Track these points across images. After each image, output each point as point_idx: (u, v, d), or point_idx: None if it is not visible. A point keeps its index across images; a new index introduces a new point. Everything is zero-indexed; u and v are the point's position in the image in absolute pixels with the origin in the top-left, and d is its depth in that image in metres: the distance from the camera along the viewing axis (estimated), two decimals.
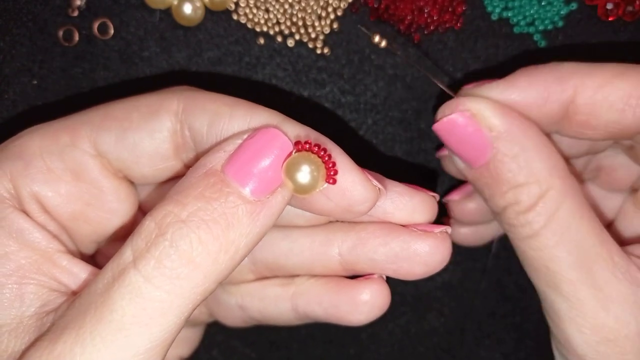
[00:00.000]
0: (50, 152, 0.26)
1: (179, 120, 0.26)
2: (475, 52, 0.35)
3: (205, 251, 0.22)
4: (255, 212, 0.23)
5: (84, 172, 0.26)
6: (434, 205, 0.27)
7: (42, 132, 0.26)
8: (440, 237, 0.27)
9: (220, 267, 0.22)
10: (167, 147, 0.26)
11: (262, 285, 0.31)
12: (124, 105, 0.27)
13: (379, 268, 0.28)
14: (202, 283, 0.22)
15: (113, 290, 0.22)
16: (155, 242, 0.22)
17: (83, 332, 0.21)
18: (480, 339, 0.40)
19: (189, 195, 0.23)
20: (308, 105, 0.35)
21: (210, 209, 0.22)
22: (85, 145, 0.26)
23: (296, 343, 0.39)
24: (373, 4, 0.34)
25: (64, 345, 0.21)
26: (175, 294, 0.22)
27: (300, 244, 0.29)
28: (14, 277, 0.24)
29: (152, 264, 0.22)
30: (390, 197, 0.27)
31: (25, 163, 0.25)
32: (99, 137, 0.26)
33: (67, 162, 0.26)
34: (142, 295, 0.21)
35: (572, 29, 0.35)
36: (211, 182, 0.23)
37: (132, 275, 0.22)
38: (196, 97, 0.26)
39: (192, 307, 0.22)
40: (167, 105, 0.26)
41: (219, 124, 0.25)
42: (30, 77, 0.34)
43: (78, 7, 0.34)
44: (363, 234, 0.28)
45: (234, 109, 0.25)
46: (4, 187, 0.25)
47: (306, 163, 0.23)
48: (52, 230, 0.26)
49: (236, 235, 0.22)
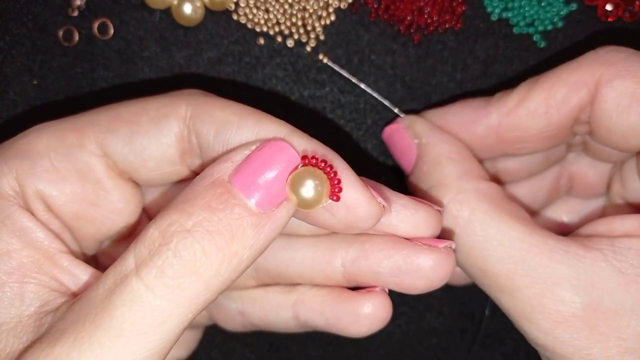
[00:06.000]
0: (56, 151, 0.26)
1: (186, 126, 0.26)
2: (475, 53, 0.35)
3: (209, 262, 0.22)
4: (260, 224, 0.23)
5: (89, 172, 0.26)
6: (438, 219, 0.27)
7: (50, 130, 0.26)
8: (444, 253, 0.27)
9: (222, 279, 0.22)
10: (174, 152, 0.26)
11: (263, 292, 0.31)
12: (132, 107, 0.27)
13: (382, 281, 0.28)
14: (203, 293, 0.22)
15: (114, 296, 0.21)
16: (159, 251, 0.22)
17: (82, 337, 0.21)
18: (480, 339, 0.40)
19: (195, 205, 0.22)
20: (308, 105, 0.35)
21: (216, 220, 0.22)
22: (92, 146, 0.26)
23: (296, 344, 0.39)
24: (373, 4, 0.34)
25: (61, 349, 0.21)
26: (175, 303, 0.22)
27: (302, 253, 0.29)
28: (15, 275, 0.24)
29: (154, 272, 0.21)
30: (394, 209, 0.27)
31: (32, 161, 0.25)
32: (106, 138, 0.26)
33: (73, 162, 0.26)
34: (143, 304, 0.21)
35: (571, 30, 0.35)
36: (218, 192, 0.23)
37: (134, 283, 0.21)
38: (205, 103, 0.26)
39: (192, 317, 0.22)
40: (176, 110, 0.26)
41: (226, 133, 0.25)
42: (30, 77, 0.34)
43: (78, 7, 0.34)
44: (366, 246, 0.28)
45: (243, 118, 0.25)
46: (9, 185, 0.25)
47: (311, 178, 0.23)
48: (55, 229, 0.26)
49: (240, 247, 0.22)
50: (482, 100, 0.31)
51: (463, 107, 0.31)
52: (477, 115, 0.31)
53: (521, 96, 0.30)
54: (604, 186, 0.33)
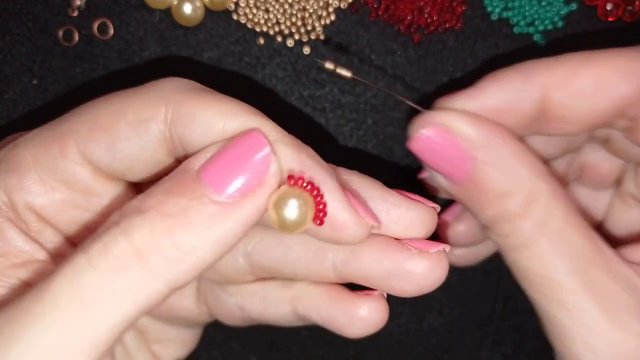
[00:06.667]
0: (41, 163, 0.25)
1: (167, 129, 0.25)
2: (475, 52, 0.35)
3: (155, 245, 0.21)
4: (221, 214, 0.22)
5: (75, 181, 0.26)
6: (432, 217, 0.26)
7: (35, 142, 0.26)
8: (436, 258, 0.25)
9: (172, 267, 0.21)
10: (160, 153, 0.25)
11: (262, 287, 0.30)
12: (109, 110, 0.25)
13: (373, 284, 0.27)
14: (150, 280, 0.21)
15: (58, 269, 0.21)
16: (108, 228, 0.21)
17: (18, 312, 0.20)
18: (480, 339, 0.39)
19: (155, 190, 0.22)
20: (308, 105, 0.35)
21: (172, 204, 0.21)
22: (74, 156, 0.25)
23: (296, 344, 0.39)
24: (373, 3, 0.34)
25: (6, 321, 0.20)
26: (117, 286, 0.20)
27: (295, 251, 0.28)
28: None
29: (99, 248, 0.21)
30: (385, 208, 0.26)
31: (19, 176, 0.25)
32: (88, 147, 0.25)
33: (58, 173, 0.26)
34: (82, 278, 0.20)
35: (572, 29, 0.35)
36: (182, 178, 0.22)
37: (78, 257, 0.21)
38: (186, 103, 0.24)
39: (136, 310, 0.21)
40: (155, 114, 0.24)
41: (210, 137, 0.24)
42: (30, 77, 0.34)
43: (78, 7, 0.34)
44: (356, 249, 0.26)
45: (228, 120, 0.23)
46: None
47: (295, 198, 0.22)
48: (47, 237, 0.26)
49: (194, 234, 0.21)
50: (514, 73, 0.27)
51: (500, 84, 0.27)
52: (518, 92, 0.27)
53: (570, 70, 0.26)
54: (614, 179, 0.32)
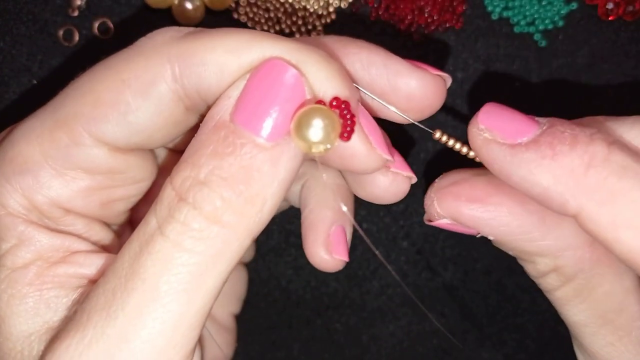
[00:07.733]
0: (53, 157, 0.24)
1: (178, 85, 0.23)
2: (475, 52, 0.35)
3: (231, 208, 0.21)
4: (274, 158, 0.21)
5: (95, 166, 0.25)
6: (436, 88, 0.25)
7: (38, 134, 0.24)
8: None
9: (249, 221, 0.21)
10: (177, 113, 0.24)
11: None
12: (108, 83, 0.23)
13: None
14: (234, 239, 0.21)
15: (142, 259, 0.20)
16: (178, 207, 0.21)
17: (115, 310, 0.20)
18: (482, 340, 0.39)
19: (202, 155, 0.21)
20: None
21: (227, 166, 0.21)
22: (86, 140, 0.24)
23: (297, 344, 0.39)
24: (373, 3, 0.34)
25: (94, 330, 0.20)
26: (208, 254, 0.20)
27: None
28: (34, 285, 0.23)
29: (178, 228, 0.21)
30: (386, 75, 0.25)
31: (34, 175, 0.24)
32: (98, 129, 0.24)
33: (74, 162, 0.24)
34: (174, 261, 0.20)
35: (572, 29, 0.35)
36: (222, 135, 0.21)
37: (161, 242, 0.20)
38: (191, 50, 0.22)
39: (229, 267, 0.21)
40: (160, 73, 0.23)
41: (227, 78, 0.22)
42: (30, 77, 0.34)
43: (78, 7, 0.34)
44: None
45: (242, 54, 0.22)
46: (17, 203, 0.24)
47: (320, 117, 0.21)
48: (78, 228, 0.25)
49: (260, 186, 0.21)
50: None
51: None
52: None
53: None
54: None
